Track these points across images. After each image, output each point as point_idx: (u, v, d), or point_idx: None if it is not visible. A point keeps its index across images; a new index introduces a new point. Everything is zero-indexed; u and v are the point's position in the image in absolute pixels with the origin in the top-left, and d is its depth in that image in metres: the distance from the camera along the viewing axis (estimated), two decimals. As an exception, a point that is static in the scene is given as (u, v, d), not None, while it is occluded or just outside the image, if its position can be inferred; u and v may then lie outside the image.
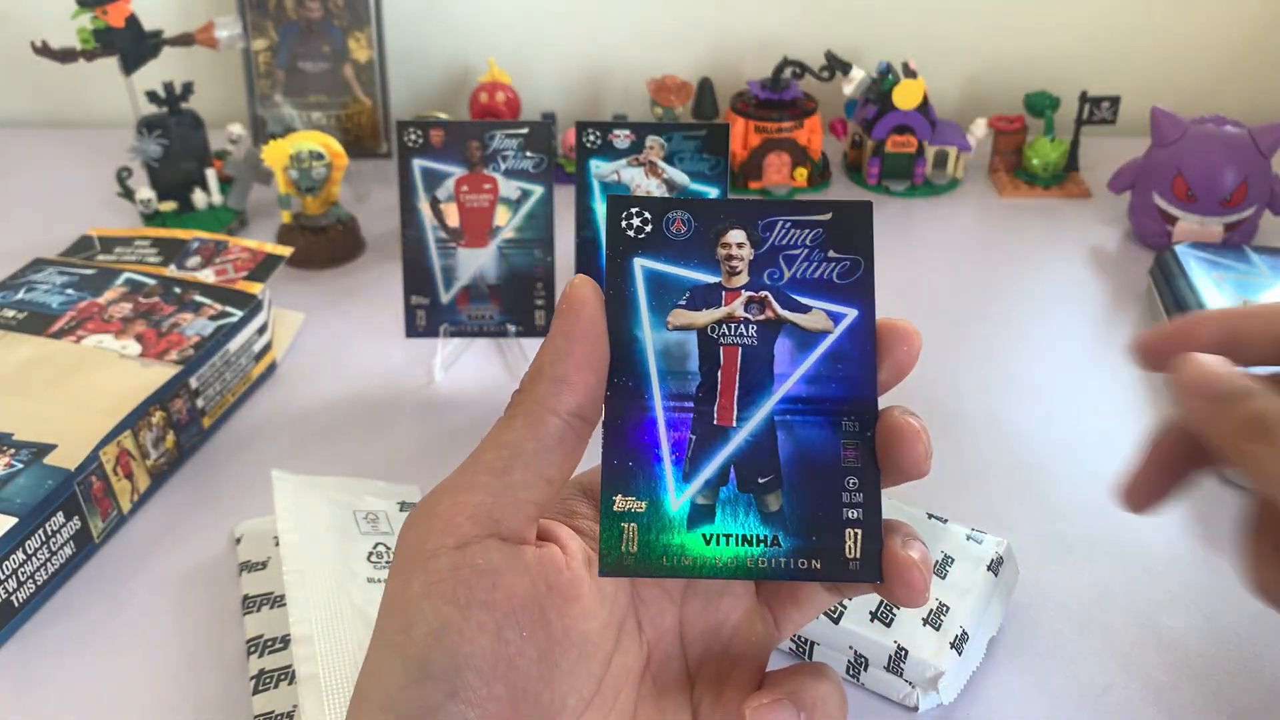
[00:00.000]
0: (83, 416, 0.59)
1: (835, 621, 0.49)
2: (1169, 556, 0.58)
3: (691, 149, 0.67)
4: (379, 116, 1.03)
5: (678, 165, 0.67)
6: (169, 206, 0.91)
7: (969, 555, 0.52)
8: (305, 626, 0.48)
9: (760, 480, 0.30)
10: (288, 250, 0.77)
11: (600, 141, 0.67)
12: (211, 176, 0.92)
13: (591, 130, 0.67)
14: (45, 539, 0.55)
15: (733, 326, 0.31)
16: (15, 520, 0.53)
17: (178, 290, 0.71)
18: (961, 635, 0.49)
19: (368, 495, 0.59)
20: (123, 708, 0.50)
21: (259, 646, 0.52)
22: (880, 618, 0.49)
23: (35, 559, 0.54)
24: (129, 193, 0.91)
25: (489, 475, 0.29)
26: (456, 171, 0.69)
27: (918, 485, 0.32)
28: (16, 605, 0.54)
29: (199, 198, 0.91)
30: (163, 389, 0.62)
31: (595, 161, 0.67)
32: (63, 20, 0.86)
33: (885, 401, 0.31)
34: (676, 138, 0.67)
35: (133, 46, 0.87)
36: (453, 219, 0.69)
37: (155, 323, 0.68)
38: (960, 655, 0.49)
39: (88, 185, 0.98)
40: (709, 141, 0.67)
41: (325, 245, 0.85)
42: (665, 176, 0.67)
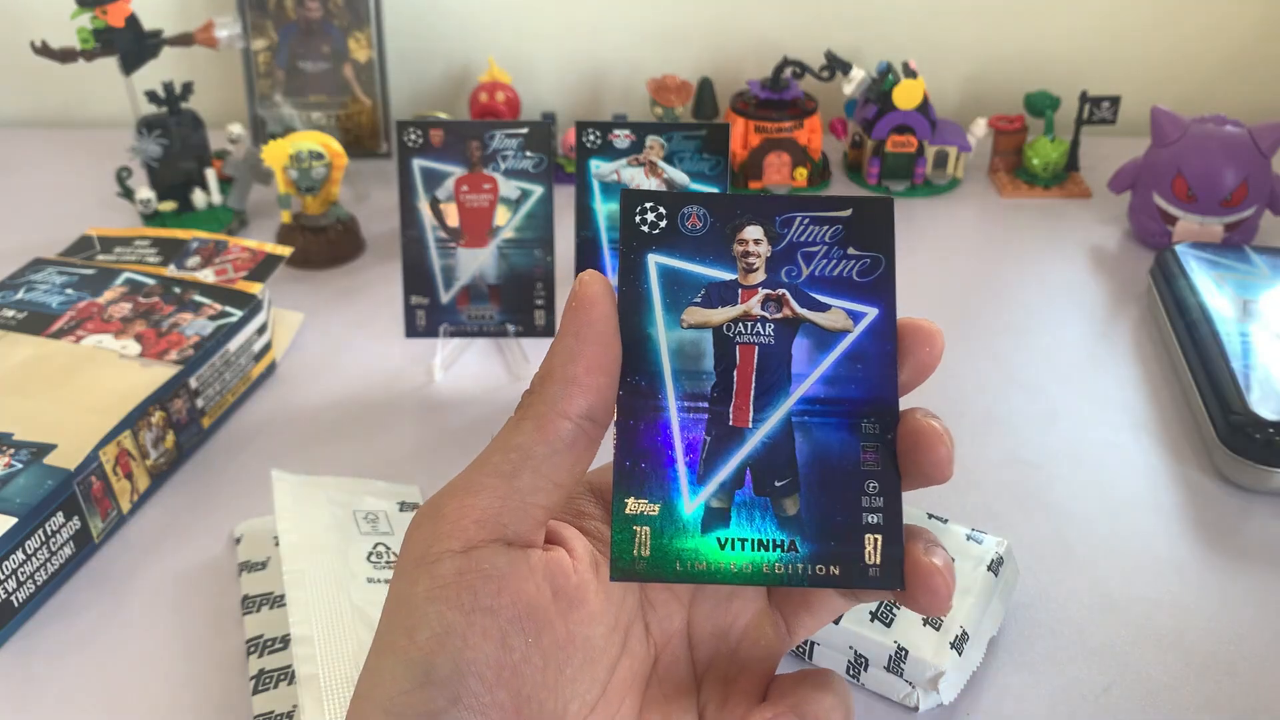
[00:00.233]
0: (82, 416, 0.59)
1: (835, 621, 0.49)
2: (1169, 556, 0.58)
3: (691, 149, 0.67)
4: (379, 116, 1.03)
5: (678, 165, 0.67)
6: (169, 206, 0.91)
7: (969, 555, 0.52)
8: (305, 627, 0.48)
9: (777, 483, 0.30)
10: (287, 250, 0.77)
11: (600, 141, 0.67)
12: (211, 176, 0.92)
13: (591, 130, 0.67)
14: (45, 539, 0.55)
15: (749, 325, 0.30)
16: (15, 520, 0.53)
17: (177, 290, 0.71)
18: (961, 635, 0.49)
19: (368, 495, 0.59)
20: (123, 708, 0.50)
21: (259, 646, 0.52)
22: (880, 618, 0.49)
23: (35, 559, 0.54)
24: (129, 193, 0.91)
25: (497, 479, 0.28)
26: (456, 171, 0.69)
27: (918, 485, 0.31)
28: (16, 605, 0.54)
29: (199, 198, 0.91)
30: (162, 389, 0.62)
31: (595, 161, 0.67)
32: (62, 20, 0.86)
33: (904, 403, 0.30)
34: (676, 137, 0.67)
35: (132, 46, 0.87)
36: (452, 219, 0.69)
37: (155, 323, 0.68)
38: (960, 655, 0.48)
39: (87, 185, 0.98)
40: (709, 141, 0.67)
41: (325, 245, 0.85)
42: (665, 176, 0.67)
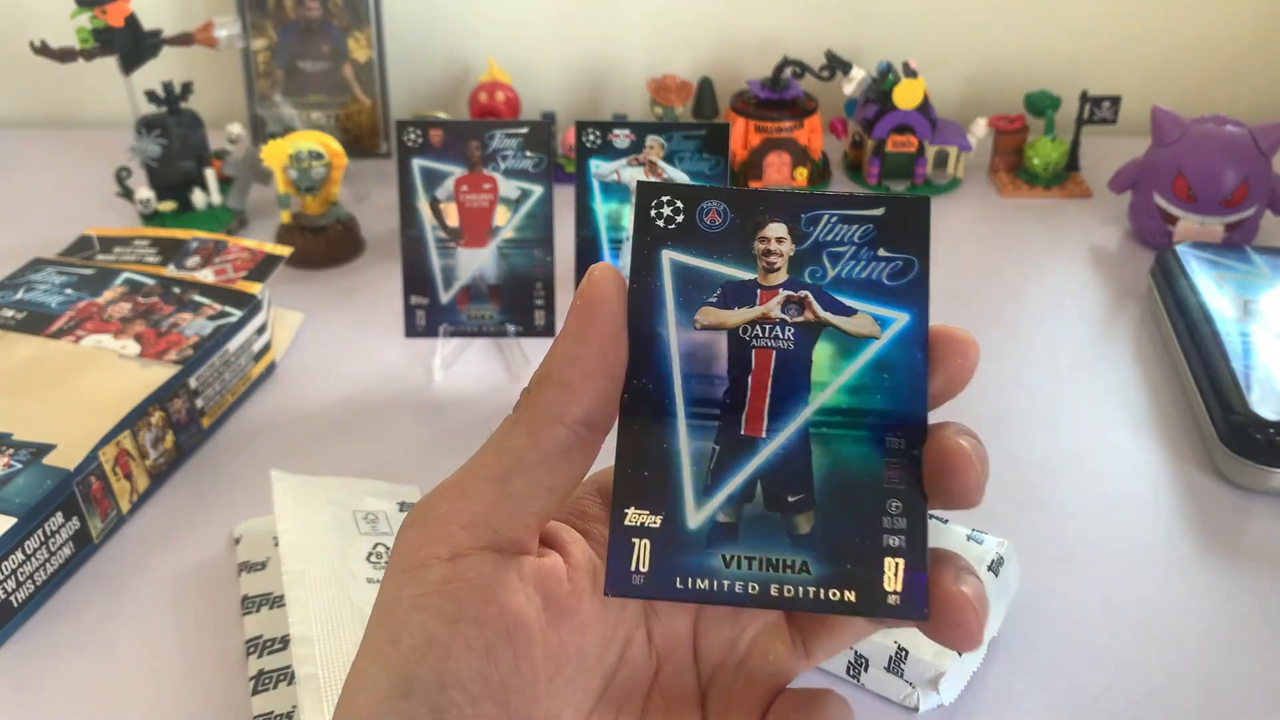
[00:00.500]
0: (82, 416, 0.59)
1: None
2: (1169, 557, 0.58)
3: (691, 148, 0.67)
4: (378, 116, 1.03)
5: (678, 165, 0.67)
6: (168, 206, 0.91)
7: (970, 556, 0.52)
8: (304, 627, 0.48)
9: (790, 499, 0.27)
10: (287, 250, 0.77)
11: (600, 141, 0.67)
12: (211, 176, 0.92)
13: (591, 130, 0.67)
14: (44, 539, 0.54)
15: (767, 328, 0.28)
16: (14, 520, 0.53)
17: (177, 290, 0.71)
18: (962, 636, 0.49)
19: (367, 495, 0.59)
20: (122, 708, 0.50)
21: (258, 647, 0.51)
22: (880, 618, 0.49)
23: (34, 559, 0.54)
24: (128, 192, 0.91)
25: (488, 483, 0.27)
26: (456, 171, 0.69)
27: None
28: (15, 606, 0.53)
29: (198, 197, 0.91)
30: (162, 389, 0.62)
31: (595, 161, 0.67)
32: (62, 20, 0.86)
33: (933, 417, 0.28)
34: (676, 137, 0.67)
35: (132, 46, 0.87)
36: (452, 219, 0.69)
37: (154, 323, 0.67)
38: (960, 655, 0.48)
39: (87, 185, 0.98)
40: (709, 141, 0.67)
41: (325, 245, 0.85)
42: (665, 176, 0.67)
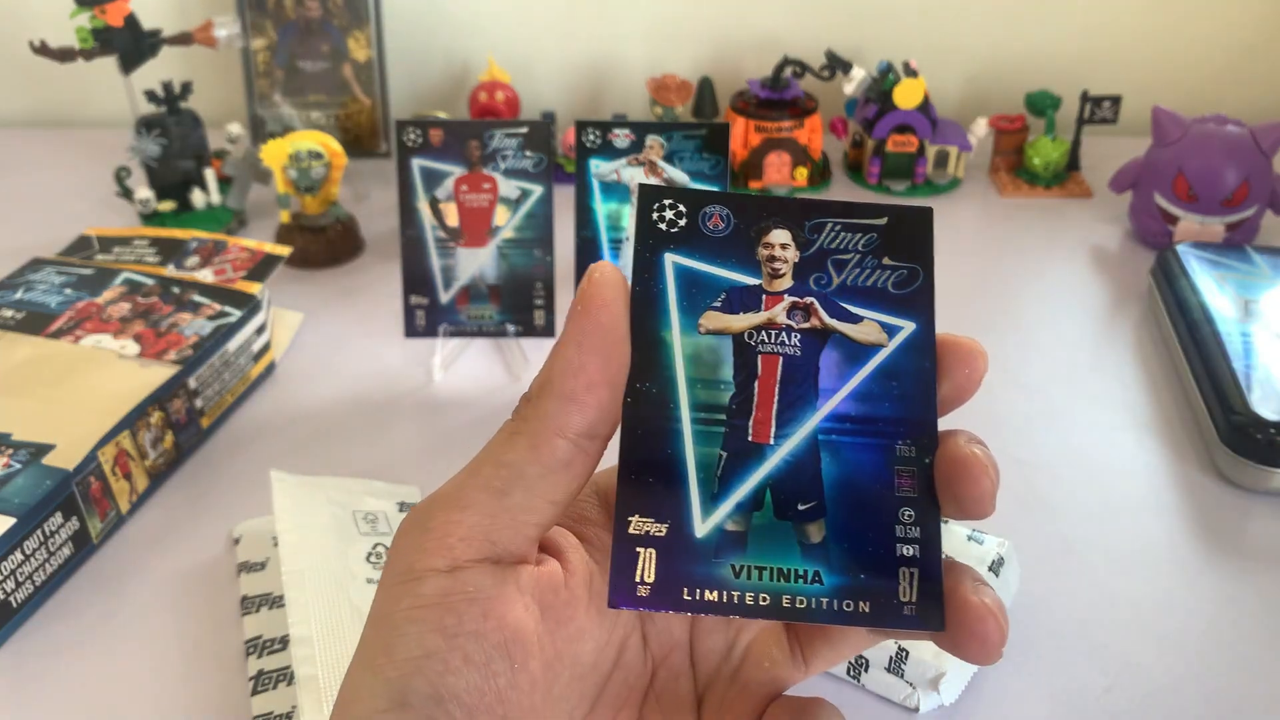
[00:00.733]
0: (81, 416, 0.59)
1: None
2: (1169, 557, 0.58)
3: (691, 148, 0.67)
4: (378, 116, 1.03)
5: (678, 164, 0.67)
6: (167, 206, 0.91)
7: (970, 556, 0.52)
8: (304, 627, 0.48)
9: (800, 507, 0.27)
10: (286, 250, 0.77)
11: (600, 141, 0.67)
12: (210, 176, 0.91)
13: (591, 129, 0.67)
14: (43, 539, 0.54)
15: (773, 334, 0.28)
16: (13, 521, 0.52)
17: (176, 290, 0.71)
18: (962, 636, 0.49)
19: (367, 496, 0.59)
20: (121, 709, 0.50)
21: (258, 647, 0.51)
22: (881, 619, 0.49)
23: (33, 560, 0.54)
24: (127, 192, 0.91)
25: (487, 495, 0.26)
26: (456, 171, 0.69)
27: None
28: (15, 606, 0.53)
29: (198, 197, 0.91)
30: (161, 389, 0.62)
31: (595, 161, 0.67)
32: (61, 19, 0.86)
33: (944, 424, 0.28)
34: (676, 137, 0.67)
35: (131, 46, 0.87)
36: (452, 219, 0.69)
37: (154, 322, 0.67)
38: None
39: (86, 185, 0.98)
40: (709, 141, 0.67)
41: (324, 245, 0.85)
42: (665, 176, 0.67)
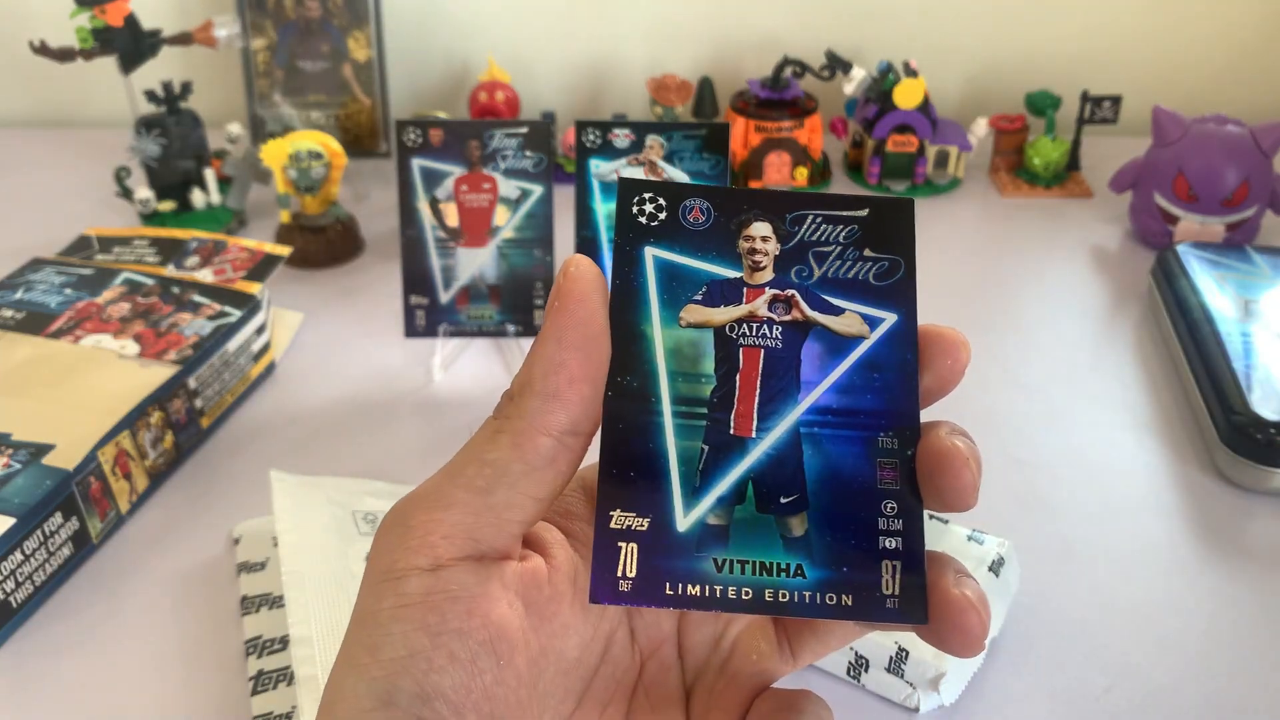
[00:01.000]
0: (81, 416, 0.59)
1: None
2: (1169, 557, 0.58)
3: (691, 148, 0.67)
4: (378, 116, 1.03)
5: (678, 164, 0.67)
6: (167, 206, 0.91)
7: (970, 556, 0.52)
8: (304, 627, 0.48)
9: (783, 500, 0.27)
10: (286, 250, 0.77)
11: (600, 141, 0.67)
12: (210, 176, 0.91)
13: (591, 129, 0.67)
14: (43, 539, 0.54)
15: (754, 326, 0.28)
16: (13, 521, 0.52)
17: (176, 290, 0.71)
18: (962, 636, 0.49)
19: (367, 495, 0.59)
20: (121, 708, 0.50)
21: (258, 647, 0.51)
22: (881, 619, 0.49)
23: (33, 560, 0.54)
24: (127, 192, 0.91)
25: (469, 493, 0.26)
26: (456, 171, 0.69)
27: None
28: (14, 606, 0.53)
29: (197, 197, 0.91)
30: (161, 389, 0.62)
31: (595, 161, 0.67)
32: (61, 19, 0.86)
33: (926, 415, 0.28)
34: (676, 137, 0.67)
35: (131, 46, 0.87)
36: (452, 219, 0.69)
37: (154, 323, 0.67)
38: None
39: (86, 185, 0.98)
40: (709, 141, 0.67)
41: (324, 245, 0.85)
42: (665, 176, 0.67)
